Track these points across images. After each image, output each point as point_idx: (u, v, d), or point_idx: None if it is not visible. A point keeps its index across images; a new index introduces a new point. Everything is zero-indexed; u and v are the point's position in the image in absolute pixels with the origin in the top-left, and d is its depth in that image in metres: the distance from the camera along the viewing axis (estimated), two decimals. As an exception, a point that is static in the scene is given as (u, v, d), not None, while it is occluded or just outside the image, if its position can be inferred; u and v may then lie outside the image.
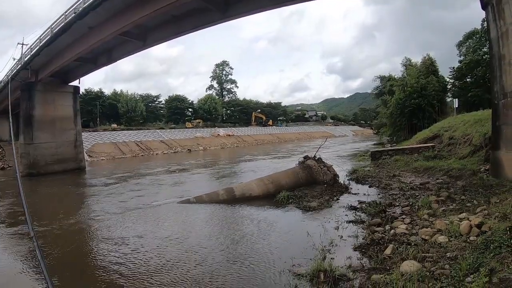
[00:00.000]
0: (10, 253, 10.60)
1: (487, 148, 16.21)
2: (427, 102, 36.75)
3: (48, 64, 31.75)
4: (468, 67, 41.00)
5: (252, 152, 52.98)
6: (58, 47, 28.69)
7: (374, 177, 17.88)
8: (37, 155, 33.73)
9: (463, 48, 47.01)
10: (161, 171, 32.23)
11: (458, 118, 26.19)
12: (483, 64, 36.44)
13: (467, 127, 21.59)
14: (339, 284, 6.62)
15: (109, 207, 16.65)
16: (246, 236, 10.81)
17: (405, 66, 48.18)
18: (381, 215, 10.76)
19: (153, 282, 8.08)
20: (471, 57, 41.00)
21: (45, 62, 31.62)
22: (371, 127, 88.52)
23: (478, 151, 17.66)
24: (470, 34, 46.06)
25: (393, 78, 47.07)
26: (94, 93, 78.34)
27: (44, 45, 28.53)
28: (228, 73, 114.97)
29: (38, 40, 29.94)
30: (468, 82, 42.41)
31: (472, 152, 18.08)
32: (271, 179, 16.73)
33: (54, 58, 30.79)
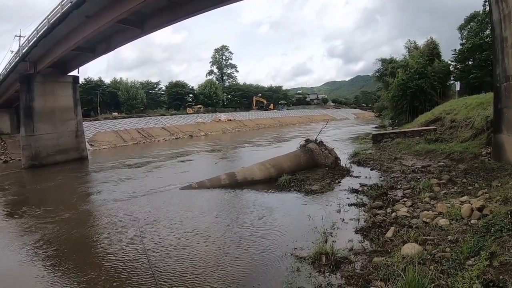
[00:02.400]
0: (16, 245, 10.73)
1: (488, 132, 16.17)
2: (429, 85, 36.54)
3: (46, 55, 31.66)
4: (470, 50, 40.75)
5: (253, 136, 53.03)
6: (55, 38, 28.57)
7: (375, 160, 17.85)
8: (39, 147, 33.86)
9: (464, 31, 46.64)
10: (163, 157, 32.32)
11: (460, 101, 26.07)
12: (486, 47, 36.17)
13: (469, 110, 21.51)
14: (340, 267, 6.66)
15: (112, 194, 16.77)
16: (248, 220, 10.89)
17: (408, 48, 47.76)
18: (382, 198, 10.80)
19: (161, 262, 8.30)
20: (473, 40, 40.70)
21: (43, 53, 31.50)
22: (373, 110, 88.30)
23: (479, 134, 17.60)
24: (471, 17, 45.66)
25: (394, 61, 46.74)
26: (94, 82, 77.87)
27: (41, 36, 28.33)
28: (228, 57, 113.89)
29: (35, 31, 29.80)
30: (470, 65, 42.15)
31: (474, 135, 18.03)
32: (272, 163, 16.76)
33: (52, 48, 30.71)
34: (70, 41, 28.43)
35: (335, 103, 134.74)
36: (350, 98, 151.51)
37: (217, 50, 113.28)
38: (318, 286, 6.10)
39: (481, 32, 41.27)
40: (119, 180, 21.14)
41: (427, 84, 36.46)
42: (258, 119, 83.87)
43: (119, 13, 23.16)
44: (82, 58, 35.46)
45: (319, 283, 6.20)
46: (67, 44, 28.92)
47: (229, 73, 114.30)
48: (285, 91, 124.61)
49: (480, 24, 42.77)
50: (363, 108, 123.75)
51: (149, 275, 7.56)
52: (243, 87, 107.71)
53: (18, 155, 38.19)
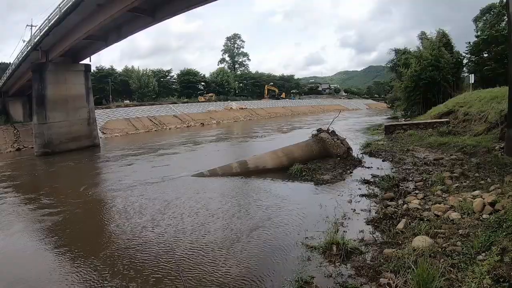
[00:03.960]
0: (30, 230, 10.97)
1: (502, 126, 15.97)
2: (442, 76, 36.11)
3: (58, 44, 31.80)
4: (485, 43, 40.08)
5: (265, 125, 53.04)
6: (67, 26, 28.65)
7: (387, 151, 17.81)
8: (51, 134, 34.20)
9: (480, 23, 45.89)
10: (175, 145, 32.52)
11: (474, 94, 25.76)
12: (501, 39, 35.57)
13: (482, 103, 21.26)
14: (351, 257, 6.67)
15: (123, 181, 16.93)
16: (259, 209, 10.96)
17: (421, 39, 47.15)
18: (394, 190, 10.77)
19: (175, 248, 8.44)
20: (488, 32, 40.03)
21: (55, 42, 31.66)
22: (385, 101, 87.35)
23: (493, 128, 17.42)
24: (487, 9, 44.87)
25: (408, 51, 46.19)
26: (106, 70, 78.10)
27: (53, 25, 28.46)
28: (240, 46, 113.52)
29: (47, 20, 29.85)
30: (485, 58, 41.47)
31: (487, 129, 17.86)
32: (284, 152, 16.81)
33: (63, 37, 30.85)
34: (82, 30, 28.55)
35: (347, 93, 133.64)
36: (363, 89, 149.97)
37: (229, 38, 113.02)
38: (328, 276, 6.15)
39: (497, 24, 40.45)
40: (131, 167, 21.36)
41: (440, 76, 36.06)
42: (270, 108, 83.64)
43: (131, 1, 23.19)
44: (94, 47, 35.65)
45: (330, 272, 6.25)
46: (79, 33, 29.05)
47: (241, 62, 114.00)
48: (297, 80, 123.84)
49: (496, 16, 41.97)
50: (376, 99, 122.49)
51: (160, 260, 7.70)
52: (255, 76, 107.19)
53: (30, 143, 38.62)
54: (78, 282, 7.22)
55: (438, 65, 36.17)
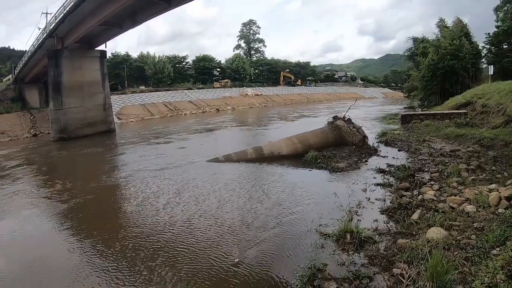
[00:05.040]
0: (47, 213, 11.26)
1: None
2: (461, 66, 35.46)
3: (73, 31, 31.92)
4: (505, 34, 39.19)
5: (280, 111, 52.84)
6: (82, 13, 28.69)
7: (403, 141, 17.70)
8: (68, 120, 34.53)
9: (500, 13, 44.82)
10: (190, 130, 32.65)
11: (492, 86, 25.27)
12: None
13: (501, 96, 20.89)
14: (364, 246, 6.71)
15: (139, 166, 17.14)
16: (273, 195, 11.04)
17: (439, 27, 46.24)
18: (409, 180, 10.75)
19: (191, 230, 8.74)
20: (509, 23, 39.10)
21: (70, 29, 31.77)
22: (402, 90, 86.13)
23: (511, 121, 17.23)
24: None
25: (426, 40, 45.41)
26: (121, 56, 78.27)
27: (68, 12, 28.51)
28: (256, 32, 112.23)
29: (62, 7, 29.92)
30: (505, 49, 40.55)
31: (505, 122, 17.58)
32: (299, 139, 16.79)
33: (79, 24, 30.94)
34: (97, 16, 28.61)
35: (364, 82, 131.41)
36: (379, 77, 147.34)
37: (244, 24, 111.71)
38: (341, 264, 6.20)
39: (520, 14, 39.55)
40: (146, 152, 21.53)
41: (459, 66, 35.40)
42: (285, 95, 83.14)
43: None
44: (109, 33, 35.73)
45: (343, 261, 6.30)
46: (94, 20, 29.14)
47: (256, 48, 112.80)
48: (313, 67, 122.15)
49: (517, 7, 40.96)
50: (392, 88, 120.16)
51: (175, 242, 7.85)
52: (271, 62, 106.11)
53: (47, 129, 38.97)
54: (95, 262, 7.44)
55: (458, 54, 35.51)
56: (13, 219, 10.97)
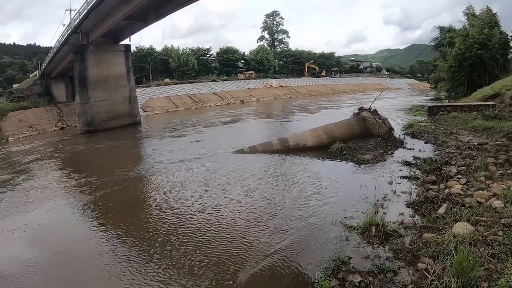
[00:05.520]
0: (75, 206, 11.55)
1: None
2: (489, 56, 34.52)
3: (97, 26, 32.46)
4: (537, 22, 37.93)
5: (305, 103, 52.76)
6: (106, 8, 29.12)
7: (430, 133, 17.36)
8: (94, 113, 35.39)
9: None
10: (215, 122, 32.95)
11: (522, 77, 24.69)
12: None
13: (532, 88, 20.42)
14: (389, 240, 6.69)
15: (164, 157, 17.50)
16: (299, 186, 11.10)
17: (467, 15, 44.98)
18: (436, 173, 10.60)
19: (218, 216, 9.05)
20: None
21: (94, 24, 32.34)
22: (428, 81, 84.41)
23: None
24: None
25: (453, 30, 44.35)
26: (146, 50, 79.19)
27: (92, 8, 28.99)
28: (279, 23, 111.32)
29: (85, 3, 30.48)
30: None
31: (536, 115, 17.19)
32: (325, 130, 16.73)
33: (103, 19, 31.47)
34: (120, 11, 28.99)
35: (389, 72, 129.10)
36: (405, 68, 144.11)
37: (268, 15, 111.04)
38: (366, 257, 6.22)
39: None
40: (172, 143, 21.92)
41: (487, 56, 34.43)
42: (310, 86, 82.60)
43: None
44: (133, 27, 36.19)
45: (367, 254, 6.32)
46: (118, 14, 29.54)
47: (280, 39, 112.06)
48: (337, 58, 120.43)
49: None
50: (418, 79, 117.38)
51: (203, 229, 8.01)
52: (295, 53, 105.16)
53: (73, 122, 39.96)
54: (123, 249, 7.72)
55: (487, 44, 34.56)
56: (42, 209, 11.39)
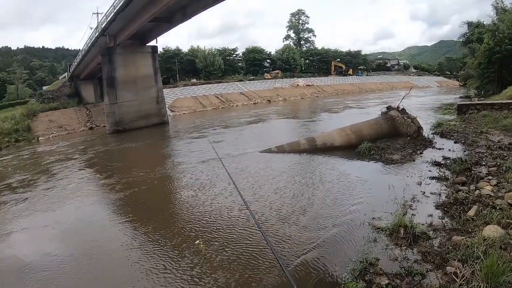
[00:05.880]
0: (103, 203, 12.00)
1: None
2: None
3: (124, 28, 33.27)
4: None
5: (332, 102, 52.55)
6: (132, 11, 29.83)
7: (460, 133, 17.02)
8: (122, 113, 36.55)
9: None
10: (242, 122, 33.25)
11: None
12: None
13: None
14: (418, 242, 6.61)
15: (192, 156, 17.92)
16: (327, 186, 11.13)
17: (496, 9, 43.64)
18: (466, 174, 10.40)
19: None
20: None
21: (121, 26, 33.21)
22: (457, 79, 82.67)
23: None
24: None
25: (482, 25, 43.25)
26: (172, 51, 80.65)
27: (118, 11, 29.74)
28: (305, 22, 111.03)
29: (112, 7, 31.34)
30: None
31: None
32: (353, 129, 16.65)
33: (129, 21, 32.24)
34: (147, 13, 29.59)
35: (417, 70, 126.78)
36: (433, 65, 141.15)
37: (293, 14, 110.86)
38: (393, 259, 6.18)
39: None
40: (199, 143, 22.23)
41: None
42: (337, 85, 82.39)
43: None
44: (160, 29, 36.92)
45: (395, 256, 6.28)
46: (144, 16, 30.19)
47: (306, 38, 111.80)
48: (364, 56, 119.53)
49: None
50: (447, 76, 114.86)
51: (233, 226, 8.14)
52: (321, 52, 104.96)
53: (102, 122, 41.14)
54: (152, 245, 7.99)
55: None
56: (71, 207, 11.85)
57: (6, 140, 36.43)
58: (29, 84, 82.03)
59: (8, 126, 39.26)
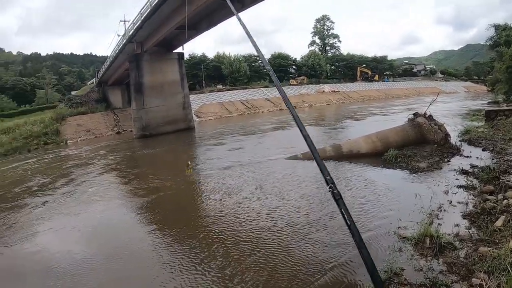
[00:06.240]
0: (129, 207, 12.29)
1: None
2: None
3: (151, 35, 34.10)
4: None
5: (358, 108, 52.27)
6: (158, 19, 30.62)
7: (488, 140, 16.71)
8: (149, 118, 37.40)
9: None
10: (268, 128, 33.43)
11: None
12: None
13: None
14: (444, 252, 6.55)
15: (218, 162, 18.15)
16: (353, 193, 11.14)
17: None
18: (494, 182, 10.23)
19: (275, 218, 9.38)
20: None
21: (148, 34, 34.15)
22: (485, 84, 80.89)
23: None
24: None
25: (509, 27, 42.32)
26: (198, 57, 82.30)
27: (145, 19, 30.63)
28: (330, 27, 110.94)
29: (139, 15, 32.29)
30: None
31: None
32: (379, 136, 16.57)
33: (156, 29, 33.07)
34: (173, 21, 30.38)
35: (444, 75, 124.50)
36: (460, 70, 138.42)
37: (318, 20, 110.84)
38: (419, 270, 6.14)
39: None
40: (225, 148, 22.58)
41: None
42: (363, 91, 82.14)
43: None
44: (186, 36, 36.94)
45: (420, 266, 6.24)
46: (170, 24, 30.97)
47: (331, 43, 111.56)
48: (390, 61, 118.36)
49: None
50: (474, 81, 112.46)
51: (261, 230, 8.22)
52: (347, 58, 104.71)
53: (129, 127, 42.10)
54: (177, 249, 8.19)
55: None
56: (97, 209, 12.25)
57: (35, 143, 38.00)
58: (58, 89, 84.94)
59: (38, 129, 41.03)
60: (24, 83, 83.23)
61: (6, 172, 23.30)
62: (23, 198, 15.04)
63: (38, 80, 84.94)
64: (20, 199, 14.78)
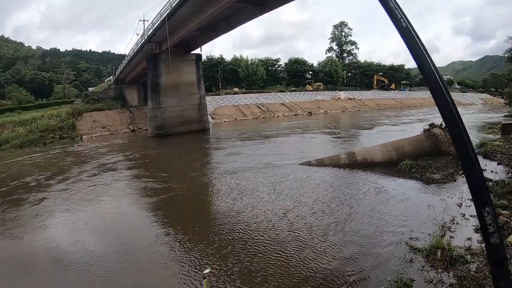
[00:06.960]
0: (136, 206, 12.49)
1: None
2: None
3: (170, 36, 34.10)
4: None
5: (373, 116, 51.97)
6: (177, 20, 30.79)
7: (504, 153, 16.52)
8: (165, 118, 37.73)
9: None
10: (283, 133, 33.49)
11: None
12: None
13: None
14: (455, 265, 6.55)
15: (231, 165, 18.21)
16: (365, 202, 11.17)
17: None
18: (508, 197, 10.16)
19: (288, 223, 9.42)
20: None
21: (167, 34, 33.85)
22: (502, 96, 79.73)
23: None
24: None
25: (527, 40, 41.58)
26: (216, 59, 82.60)
27: (164, 19, 30.68)
28: (348, 34, 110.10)
29: (158, 15, 32.63)
30: None
31: None
32: (394, 146, 16.52)
33: (175, 30, 33.04)
34: (192, 22, 30.54)
35: (461, 86, 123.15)
36: (478, 81, 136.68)
37: (336, 26, 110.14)
38: (429, 281, 6.16)
39: None
40: (239, 152, 22.60)
41: None
42: (379, 99, 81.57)
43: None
44: (204, 37, 37.86)
45: (430, 278, 6.26)
46: (189, 25, 31.19)
47: (349, 50, 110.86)
48: (407, 70, 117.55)
49: None
50: (492, 93, 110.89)
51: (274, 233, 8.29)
52: (364, 65, 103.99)
53: (144, 125, 42.56)
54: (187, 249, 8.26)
55: None
56: (108, 206, 12.52)
57: (51, 136, 38.75)
58: (75, 85, 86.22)
59: (54, 123, 41.84)
60: (42, 77, 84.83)
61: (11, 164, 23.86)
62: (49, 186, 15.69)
63: (56, 75, 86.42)
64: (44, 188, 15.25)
